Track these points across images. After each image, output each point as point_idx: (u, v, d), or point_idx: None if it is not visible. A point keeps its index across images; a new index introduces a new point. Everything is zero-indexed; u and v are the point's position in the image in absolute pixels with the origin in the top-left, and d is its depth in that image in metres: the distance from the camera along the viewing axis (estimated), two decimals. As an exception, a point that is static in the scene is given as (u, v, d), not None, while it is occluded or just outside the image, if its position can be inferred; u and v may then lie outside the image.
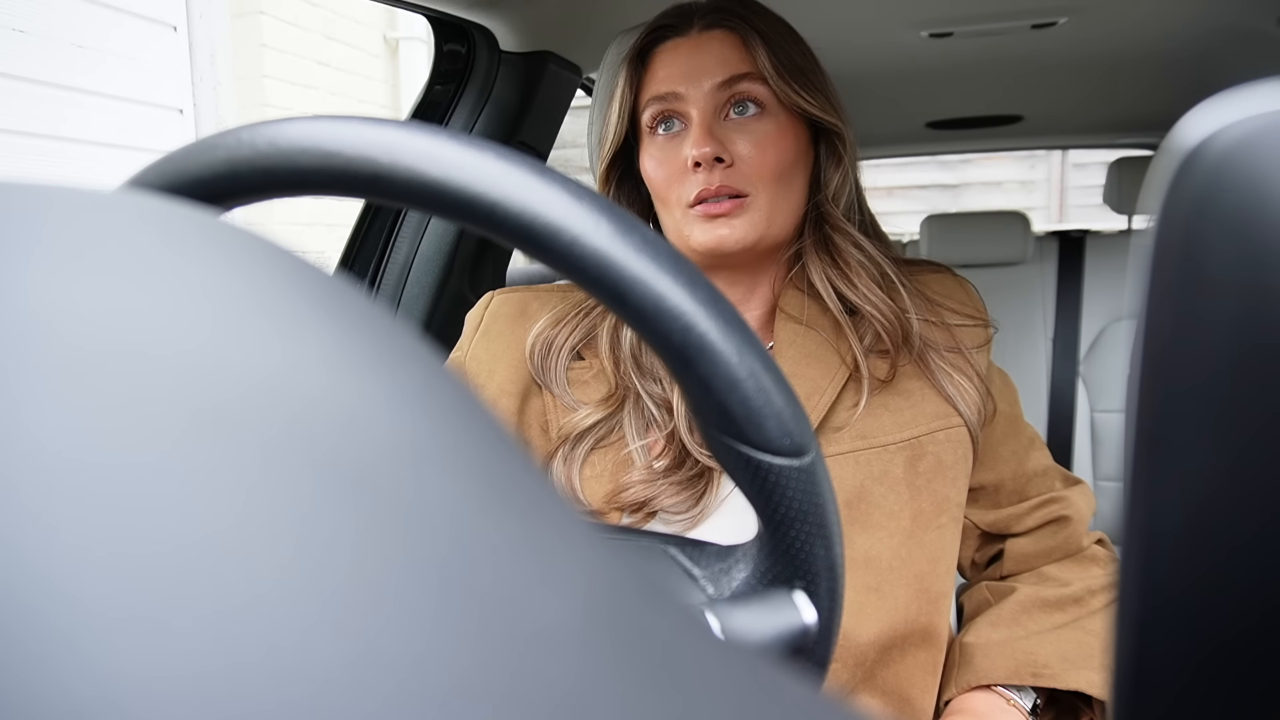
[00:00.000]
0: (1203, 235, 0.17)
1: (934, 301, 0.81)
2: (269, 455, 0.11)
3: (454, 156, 0.31)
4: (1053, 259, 2.27)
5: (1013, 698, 0.76)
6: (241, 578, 0.10)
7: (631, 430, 0.76)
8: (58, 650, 0.09)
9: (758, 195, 0.75)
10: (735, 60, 0.76)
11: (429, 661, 0.10)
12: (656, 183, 0.78)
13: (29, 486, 0.10)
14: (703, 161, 0.73)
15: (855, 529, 0.73)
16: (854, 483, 0.74)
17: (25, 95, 2.84)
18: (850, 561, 0.72)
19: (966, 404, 0.78)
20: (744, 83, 0.75)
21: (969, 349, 0.80)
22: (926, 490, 0.75)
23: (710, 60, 0.76)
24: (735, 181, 0.74)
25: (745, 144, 0.75)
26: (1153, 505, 0.18)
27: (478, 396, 0.16)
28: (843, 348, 0.77)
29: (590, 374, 0.80)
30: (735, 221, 0.74)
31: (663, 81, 0.77)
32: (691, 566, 0.41)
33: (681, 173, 0.75)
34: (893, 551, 0.73)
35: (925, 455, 0.76)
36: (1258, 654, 0.17)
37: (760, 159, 0.74)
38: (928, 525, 0.75)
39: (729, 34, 0.76)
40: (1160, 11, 1.30)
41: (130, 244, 0.14)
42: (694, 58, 0.76)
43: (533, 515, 0.13)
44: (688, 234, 0.76)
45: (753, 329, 0.34)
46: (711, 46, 0.76)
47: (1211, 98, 0.17)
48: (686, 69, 0.76)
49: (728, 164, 0.74)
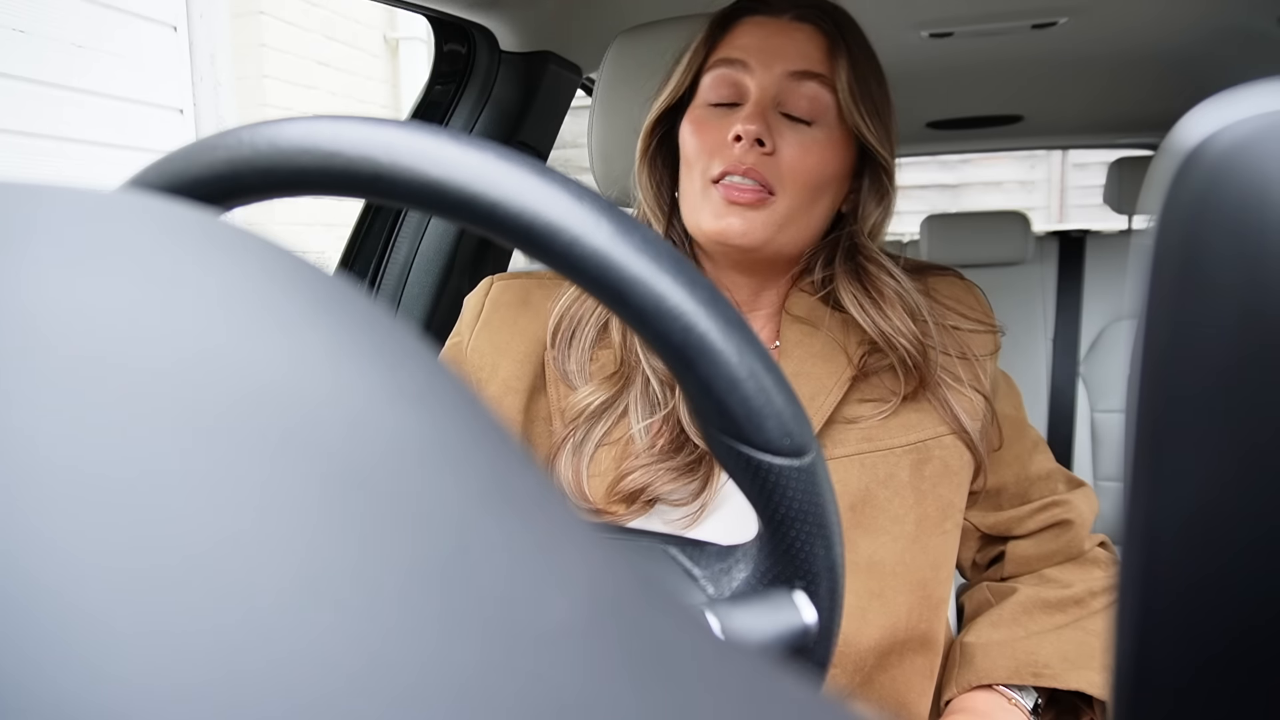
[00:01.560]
0: (1203, 235, 0.17)
1: (942, 305, 0.81)
2: (271, 458, 0.11)
3: (454, 156, 0.31)
4: (1053, 259, 2.27)
5: (1014, 696, 0.76)
6: (245, 582, 0.10)
7: (636, 412, 0.74)
8: (61, 658, 0.09)
9: (782, 197, 0.73)
10: (815, 57, 0.74)
11: (433, 663, 0.10)
12: (690, 148, 0.75)
13: (28, 493, 0.10)
14: (745, 137, 0.71)
15: (859, 532, 0.73)
16: (859, 485, 0.73)
17: (25, 95, 2.84)
18: (854, 566, 0.72)
19: (970, 413, 0.77)
20: (813, 82, 0.74)
21: (978, 357, 0.80)
22: (932, 495, 0.75)
23: (791, 47, 0.74)
24: (767, 171, 0.72)
25: (791, 142, 0.73)
26: (1153, 505, 0.18)
27: (479, 396, 0.16)
28: (850, 347, 0.76)
29: (605, 358, 0.78)
30: (750, 214, 0.72)
31: (737, 49, 0.75)
32: (692, 566, 0.41)
33: (719, 145, 0.73)
34: (896, 557, 0.73)
35: (931, 460, 0.75)
36: (1258, 654, 0.17)
37: (800, 161, 0.72)
38: (932, 531, 0.74)
39: (818, 32, 0.75)
40: (1160, 12, 1.30)
41: (130, 244, 0.14)
42: (775, 39, 0.74)
43: (535, 515, 0.13)
44: (700, 209, 0.74)
45: (755, 329, 0.34)
46: (798, 36, 0.75)
47: (1211, 98, 0.17)
48: (765, 45, 0.74)
49: (768, 150, 0.72)
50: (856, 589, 0.72)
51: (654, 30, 0.94)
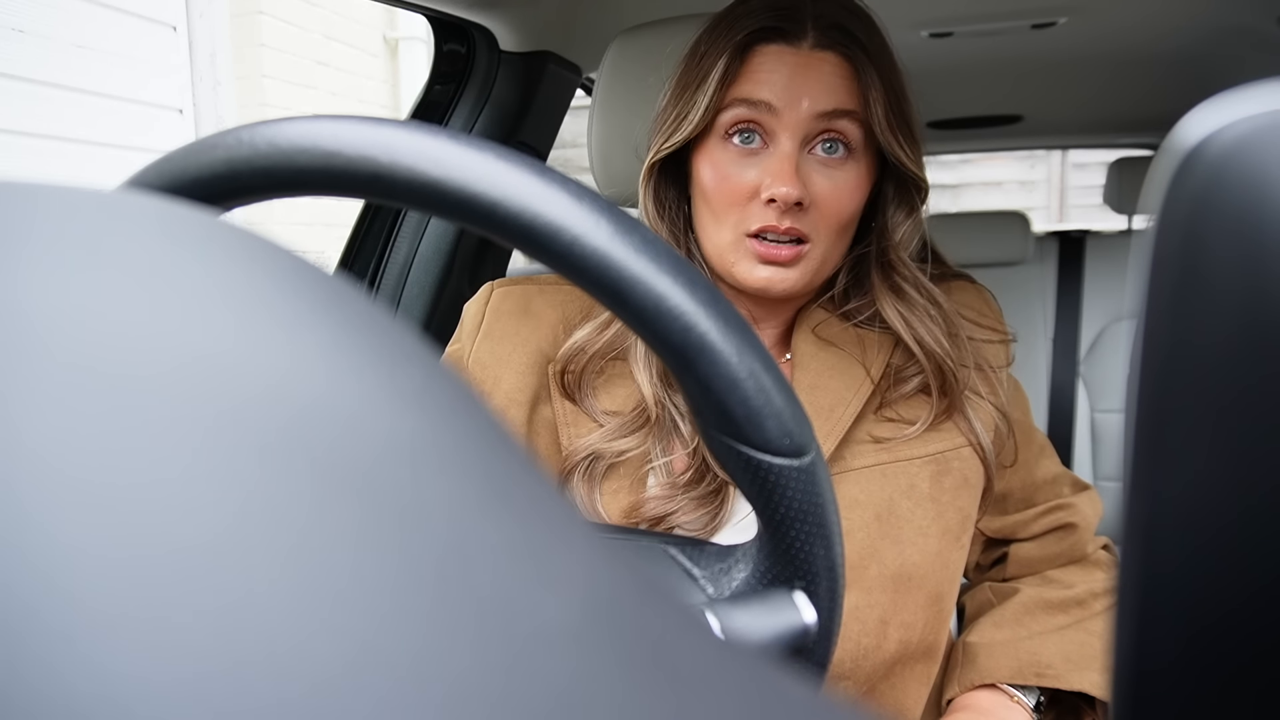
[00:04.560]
0: (1203, 235, 0.17)
1: (962, 317, 0.79)
2: (268, 456, 0.11)
3: (453, 156, 0.31)
4: (1053, 259, 2.27)
5: (1016, 695, 0.76)
6: (241, 578, 0.10)
7: (657, 447, 0.73)
8: (58, 651, 0.09)
9: (818, 243, 0.70)
10: (843, 93, 0.69)
11: (426, 661, 0.10)
12: (716, 196, 0.71)
13: (28, 489, 0.10)
14: (781, 202, 0.67)
15: (886, 543, 0.72)
16: (883, 496, 0.73)
17: (25, 95, 2.84)
18: (882, 579, 0.71)
19: (986, 426, 0.76)
20: (844, 120, 0.69)
21: (990, 366, 0.78)
22: (952, 507, 0.74)
23: (818, 85, 0.69)
24: (803, 226, 0.69)
25: (824, 187, 0.69)
26: (1153, 505, 0.18)
27: (477, 396, 0.16)
28: (869, 362, 0.75)
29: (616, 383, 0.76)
30: (790, 272, 0.70)
31: (761, 86, 0.69)
32: (691, 566, 0.41)
33: (747, 196, 0.69)
34: (923, 571, 0.72)
35: (950, 472, 0.75)
36: (1257, 653, 0.17)
37: (836, 207, 0.70)
38: (953, 544, 0.74)
39: (843, 61, 0.69)
40: (1160, 11, 1.30)
41: (129, 244, 0.14)
42: (800, 74, 0.69)
43: (531, 515, 0.13)
44: (733, 261, 0.71)
45: (762, 340, 0.34)
46: (824, 69, 0.69)
47: (1211, 98, 0.17)
48: (790, 84, 0.68)
49: (804, 207, 0.69)
50: (882, 602, 0.71)
51: (654, 30, 0.93)
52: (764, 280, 0.70)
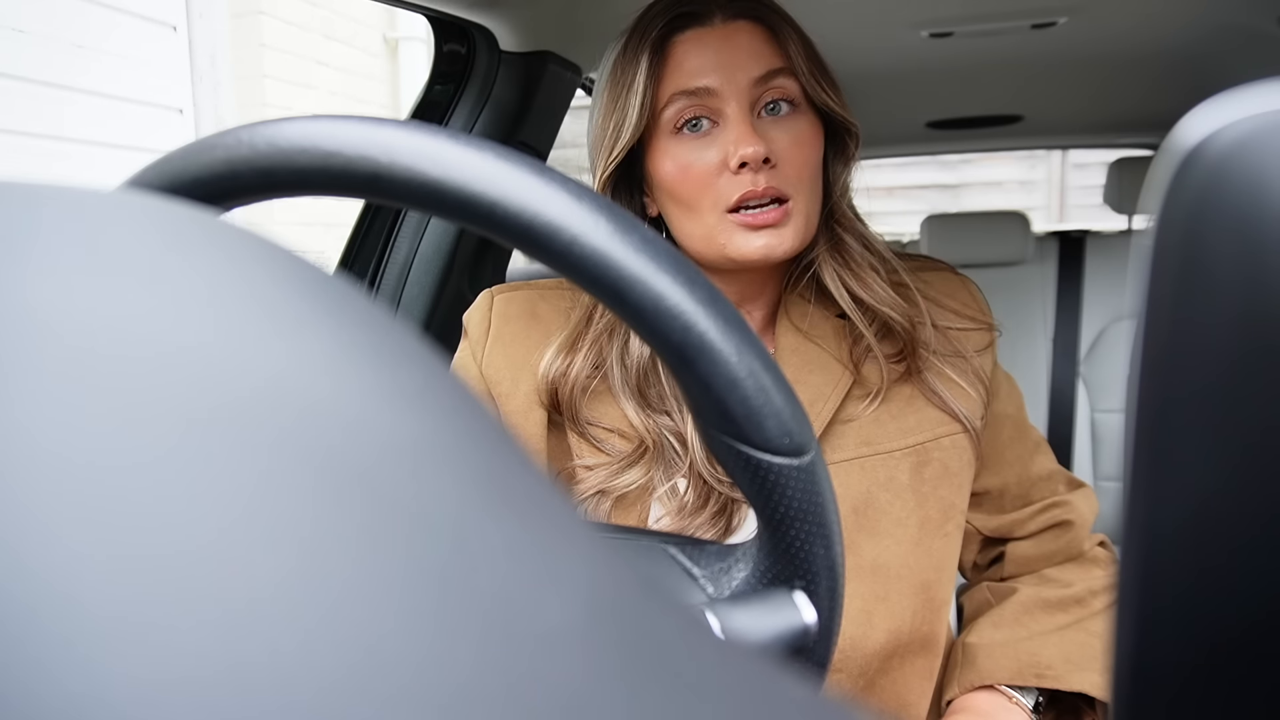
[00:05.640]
0: (1203, 235, 0.17)
1: (934, 302, 0.80)
2: (270, 457, 0.11)
3: (453, 156, 0.31)
4: (1053, 259, 2.27)
5: (1015, 696, 0.76)
6: (243, 581, 0.10)
7: (660, 475, 0.73)
8: (58, 654, 0.09)
9: (799, 199, 0.71)
10: (769, 54, 0.71)
11: (430, 663, 0.10)
12: (682, 187, 0.72)
13: (28, 489, 0.10)
14: (751, 162, 0.68)
15: (863, 536, 0.72)
16: (860, 489, 0.73)
17: (25, 95, 2.84)
18: (858, 570, 0.72)
19: (967, 410, 0.77)
20: (779, 78, 0.71)
21: (971, 353, 0.79)
22: (933, 497, 0.75)
23: (744, 53, 0.70)
24: (780, 184, 0.70)
25: (784, 142, 0.70)
26: (1153, 505, 0.18)
27: (477, 396, 0.16)
28: (844, 355, 0.76)
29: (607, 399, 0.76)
30: (783, 231, 0.70)
31: (691, 74, 0.70)
32: (691, 566, 0.41)
33: (715, 174, 0.70)
34: (900, 560, 0.73)
35: (931, 462, 0.75)
36: (1257, 654, 0.17)
37: (800, 159, 0.71)
38: (935, 533, 0.74)
39: (756, 25, 0.72)
40: (1160, 11, 1.30)
41: (129, 244, 0.14)
42: (725, 50, 0.70)
43: (533, 515, 0.13)
44: (724, 242, 0.71)
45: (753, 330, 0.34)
46: (741, 39, 0.71)
47: (1211, 98, 0.17)
48: (718, 61, 0.70)
49: (772, 165, 0.70)
50: (862, 593, 0.71)
51: (654, 30, 0.93)
52: (763, 247, 0.70)
